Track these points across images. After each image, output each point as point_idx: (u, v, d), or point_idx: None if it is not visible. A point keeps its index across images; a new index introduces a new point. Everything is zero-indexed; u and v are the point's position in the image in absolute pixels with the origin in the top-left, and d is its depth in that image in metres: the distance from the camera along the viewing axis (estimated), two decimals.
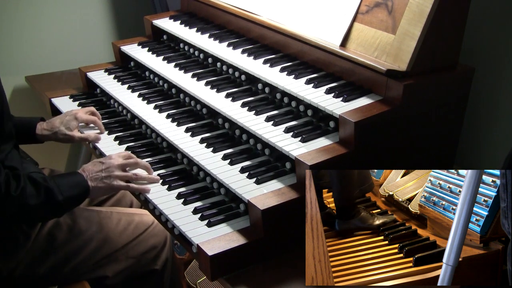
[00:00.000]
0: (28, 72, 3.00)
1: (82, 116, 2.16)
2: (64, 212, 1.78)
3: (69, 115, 2.16)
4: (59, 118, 2.15)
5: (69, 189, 1.73)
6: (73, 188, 1.75)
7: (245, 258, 1.58)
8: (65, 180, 1.75)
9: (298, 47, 2.09)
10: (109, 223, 2.00)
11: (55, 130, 2.11)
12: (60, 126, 2.11)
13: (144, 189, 1.82)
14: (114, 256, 1.99)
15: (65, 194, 1.71)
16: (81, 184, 1.78)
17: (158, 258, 2.07)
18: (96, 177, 1.81)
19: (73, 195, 1.74)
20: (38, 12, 3.08)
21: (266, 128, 1.83)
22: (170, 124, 2.07)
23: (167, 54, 2.45)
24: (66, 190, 1.72)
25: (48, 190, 1.68)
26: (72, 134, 2.12)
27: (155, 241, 2.06)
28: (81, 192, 1.77)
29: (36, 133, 2.12)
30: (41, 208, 1.68)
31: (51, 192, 1.68)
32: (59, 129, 2.11)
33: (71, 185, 1.75)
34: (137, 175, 1.85)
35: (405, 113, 1.74)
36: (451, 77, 1.84)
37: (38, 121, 2.14)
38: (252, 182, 1.71)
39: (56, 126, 2.12)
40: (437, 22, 1.73)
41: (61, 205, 1.71)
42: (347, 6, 1.96)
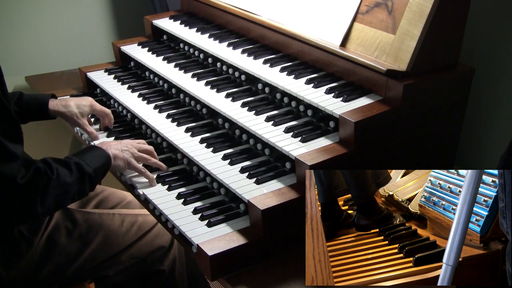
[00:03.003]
0: (28, 72, 3.00)
1: (97, 106, 2.17)
2: (95, 184, 1.79)
3: (86, 101, 2.16)
4: (74, 100, 2.16)
5: (94, 161, 1.76)
6: (97, 159, 1.79)
7: (245, 258, 1.58)
8: (87, 154, 1.78)
9: (298, 47, 2.09)
10: (111, 225, 1.99)
11: (69, 110, 2.13)
12: (74, 106, 2.13)
13: (153, 180, 1.87)
14: (118, 257, 1.98)
15: (92, 166, 1.74)
16: (103, 154, 1.81)
17: (164, 258, 2.06)
18: (116, 148, 1.85)
19: (99, 165, 1.78)
20: (38, 12, 3.08)
21: (266, 128, 1.83)
22: (170, 124, 2.07)
23: (167, 54, 2.45)
24: (92, 162, 1.75)
25: (77, 165, 1.70)
26: (81, 121, 2.13)
27: (161, 241, 2.05)
28: (104, 162, 1.81)
29: (50, 108, 2.12)
30: (78, 183, 1.69)
31: (80, 166, 1.71)
32: (73, 110, 2.13)
33: (94, 157, 1.78)
34: (150, 158, 1.92)
35: (405, 113, 1.74)
36: (451, 77, 1.84)
37: (50, 98, 2.15)
38: (252, 182, 1.71)
39: (70, 105, 2.13)
40: (437, 22, 1.73)
41: (92, 177, 1.74)
42: (347, 6, 1.96)
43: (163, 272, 2.06)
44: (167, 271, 2.06)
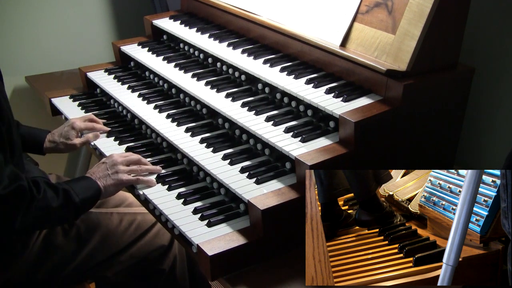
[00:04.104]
0: (28, 72, 3.00)
1: (79, 124, 2.17)
2: (80, 214, 1.78)
3: (67, 126, 2.17)
4: (58, 131, 2.17)
5: (83, 192, 1.75)
6: (87, 190, 1.77)
7: (245, 258, 1.58)
8: (77, 184, 1.77)
9: (298, 47, 2.09)
10: (109, 224, 1.99)
11: (57, 142, 2.14)
12: (59, 138, 2.14)
13: (152, 181, 1.86)
14: (117, 257, 1.98)
15: (80, 196, 1.73)
16: (93, 186, 1.80)
17: (164, 258, 2.05)
18: (104, 175, 1.83)
19: (88, 197, 1.76)
20: (38, 12, 3.08)
21: (266, 128, 1.83)
22: (170, 124, 2.07)
23: (167, 54, 2.45)
24: (80, 193, 1.74)
25: (65, 192, 1.70)
26: (73, 142, 2.14)
27: (160, 240, 2.05)
28: (94, 193, 1.79)
29: (44, 146, 2.14)
30: (61, 210, 1.69)
31: (68, 194, 1.70)
32: (60, 141, 2.14)
33: (84, 188, 1.77)
34: (141, 167, 1.89)
35: (405, 113, 1.74)
36: (451, 77, 1.84)
37: (47, 134, 2.16)
38: (252, 182, 1.71)
39: (56, 139, 2.14)
40: (437, 22, 1.73)
41: (78, 207, 1.73)
42: (347, 6, 1.96)
43: (163, 272, 2.06)
44: (167, 270, 2.06)
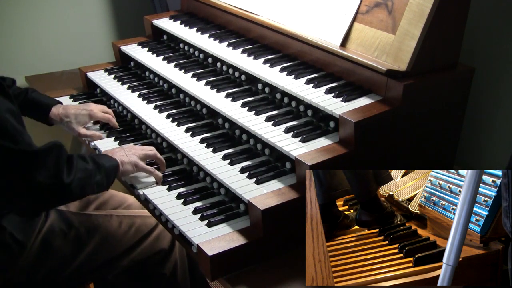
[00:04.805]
0: (28, 72, 3.00)
1: (97, 113, 2.17)
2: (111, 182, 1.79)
3: (84, 110, 2.16)
4: (74, 109, 2.16)
5: (105, 161, 1.77)
6: (108, 160, 1.78)
7: (245, 258, 1.58)
8: (98, 156, 1.78)
9: (298, 47, 2.09)
10: (108, 227, 1.98)
11: (66, 120, 2.14)
12: (72, 118, 2.14)
13: (161, 179, 1.87)
14: (116, 259, 1.97)
15: (106, 164, 1.75)
16: (112, 160, 1.80)
17: (166, 262, 2.04)
18: (121, 155, 1.84)
19: (111, 165, 1.78)
20: (38, 12, 3.08)
21: (266, 128, 1.83)
22: (170, 124, 2.07)
23: (167, 54, 2.45)
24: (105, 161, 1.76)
25: (92, 158, 1.72)
26: (78, 129, 2.15)
27: (161, 244, 2.03)
28: (115, 165, 1.80)
29: (50, 116, 2.14)
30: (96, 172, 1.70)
31: (95, 160, 1.72)
32: (70, 121, 2.14)
33: (104, 158, 1.78)
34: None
35: (405, 113, 1.74)
36: (451, 77, 1.84)
37: (55, 105, 2.16)
38: (252, 182, 1.71)
39: (69, 117, 2.14)
40: (437, 22, 1.73)
41: (107, 172, 1.74)
42: (347, 6, 1.96)
43: (164, 276, 2.05)
44: (168, 274, 2.05)
